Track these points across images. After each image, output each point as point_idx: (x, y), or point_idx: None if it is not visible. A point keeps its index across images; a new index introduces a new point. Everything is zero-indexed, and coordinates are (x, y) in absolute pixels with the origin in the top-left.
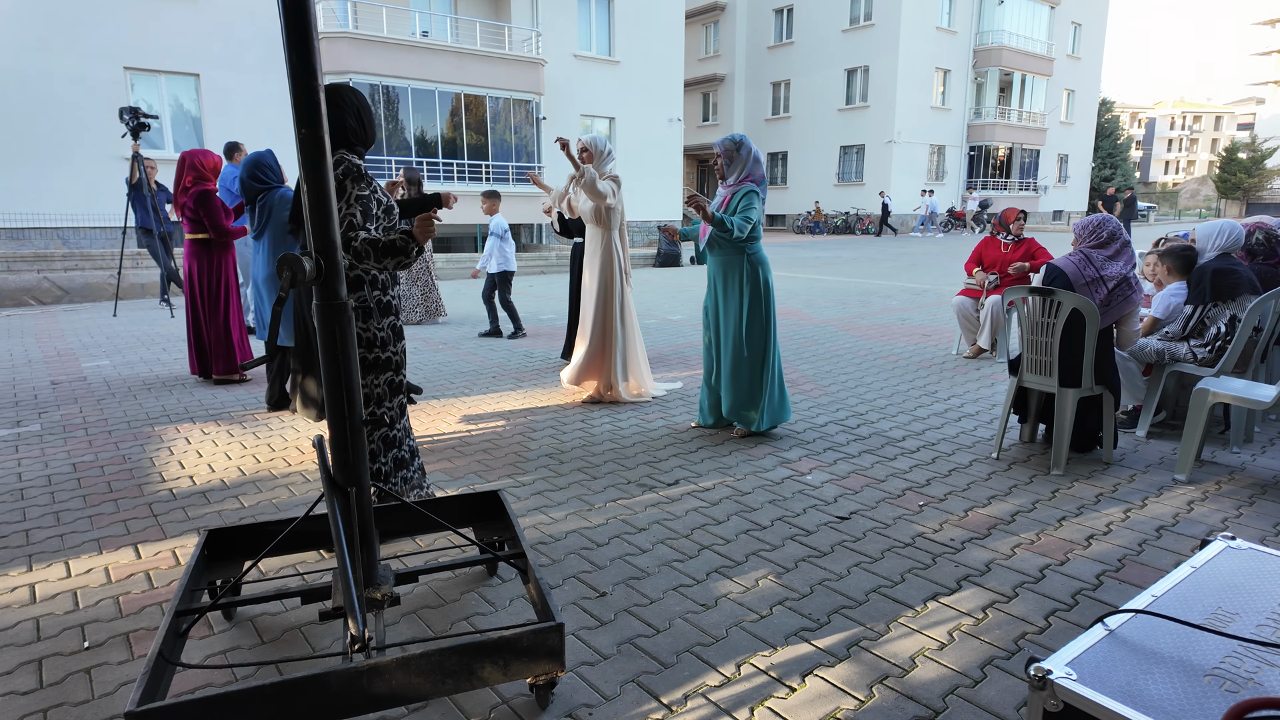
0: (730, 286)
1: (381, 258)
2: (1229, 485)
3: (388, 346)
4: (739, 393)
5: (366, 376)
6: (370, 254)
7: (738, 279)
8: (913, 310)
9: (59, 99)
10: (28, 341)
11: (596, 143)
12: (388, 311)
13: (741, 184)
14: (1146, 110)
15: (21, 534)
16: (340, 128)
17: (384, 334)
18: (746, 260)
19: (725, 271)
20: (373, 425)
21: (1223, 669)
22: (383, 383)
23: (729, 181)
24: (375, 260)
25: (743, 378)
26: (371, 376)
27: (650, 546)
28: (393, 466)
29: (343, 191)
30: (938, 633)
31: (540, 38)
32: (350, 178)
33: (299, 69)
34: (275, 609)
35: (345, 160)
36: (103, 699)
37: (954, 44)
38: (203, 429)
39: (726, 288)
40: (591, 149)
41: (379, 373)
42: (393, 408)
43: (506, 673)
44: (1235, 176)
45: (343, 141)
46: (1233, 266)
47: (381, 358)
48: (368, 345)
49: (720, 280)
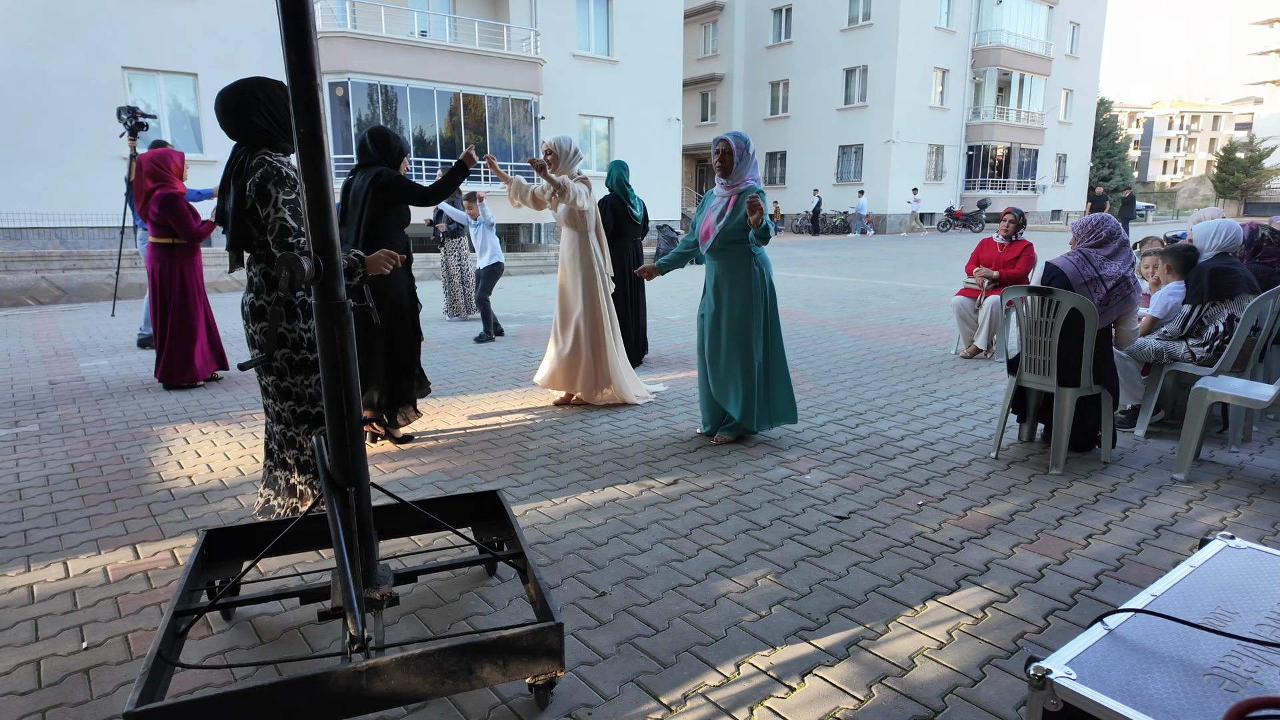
0: (736, 289)
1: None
2: (1227, 485)
3: (315, 348)
4: (748, 396)
5: (296, 376)
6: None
7: (745, 281)
8: (911, 310)
9: (57, 98)
10: (25, 341)
11: (561, 144)
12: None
13: (744, 182)
14: (1144, 110)
15: (20, 534)
16: (249, 128)
17: (310, 335)
18: (754, 261)
19: (731, 275)
20: (310, 423)
21: (1222, 668)
22: (313, 383)
23: (731, 180)
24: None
25: (742, 376)
26: (301, 377)
27: (649, 546)
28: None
29: (267, 198)
30: (937, 632)
31: (539, 37)
32: (271, 181)
33: (297, 67)
34: (274, 609)
35: (265, 162)
36: (101, 699)
37: (952, 44)
38: (201, 429)
39: (732, 291)
40: (556, 151)
41: (309, 374)
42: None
43: (506, 673)
44: (1233, 176)
45: (264, 141)
46: (1230, 266)
47: (310, 359)
48: (294, 346)
49: (726, 284)
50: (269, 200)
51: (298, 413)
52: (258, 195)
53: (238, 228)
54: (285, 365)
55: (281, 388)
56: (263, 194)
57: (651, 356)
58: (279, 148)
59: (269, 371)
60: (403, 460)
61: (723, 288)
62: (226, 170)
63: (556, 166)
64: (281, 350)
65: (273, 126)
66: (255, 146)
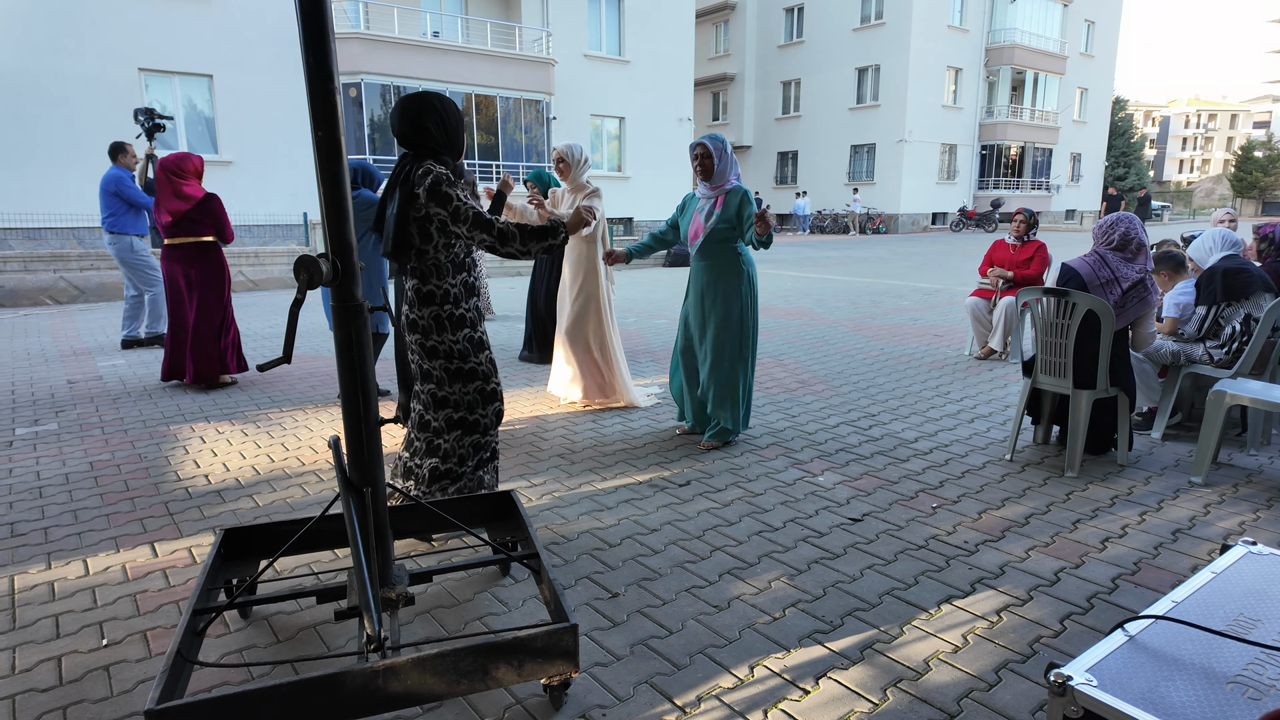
0: (723, 289)
1: (528, 241)
2: (1246, 488)
3: (468, 358)
4: (723, 396)
5: (454, 385)
6: (515, 236)
7: (736, 282)
8: (924, 310)
9: (74, 100)
10: (44, 340)
11: (572, 152)
12: (461, 325)
13: (728, 182)
14: (1160, 108)
15: (40, 532)
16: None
17: (460, 346)
18: (742, 261)
19: (719, 276)
20: (463, 429)
21: (1245, 676)
22: (472, 390)
23: (714, 183)
24: (519, 243)
25: (736, 380)
26: (459, 385)
27: (662, 548)
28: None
29: (446, 199)
30: (952, 636)
31: (550, 38)
32: (444, 183)
33: (316, 72)
34: (290, 608)
35: (432, 170)
36: (121, 696)
37: (966, 42)
38: (217, 428)
39: (719, 291)
40: (567, 158)
41: (466, 382)
42: (487, 414)
43: (521, 673)
44: (1251, 175)
45: (428, 151)
46: (1243, 265)
47: (465, 368)
48: (447, 356)
49: (711, 284)
50: (448, 200)
51: (453, 420)
52: (436, 198)
53: (400, 233)
54: (443, 375)
55: (439, 397)
56: (439, 195)
57: (660, 355)
58: (440, 159)
59: (427, 380)
60: None
61: (709, 290)
62: (392, 178)
63: (568, 174)
64: (437, 361)
65: (442, 135)
66: (421, 155)
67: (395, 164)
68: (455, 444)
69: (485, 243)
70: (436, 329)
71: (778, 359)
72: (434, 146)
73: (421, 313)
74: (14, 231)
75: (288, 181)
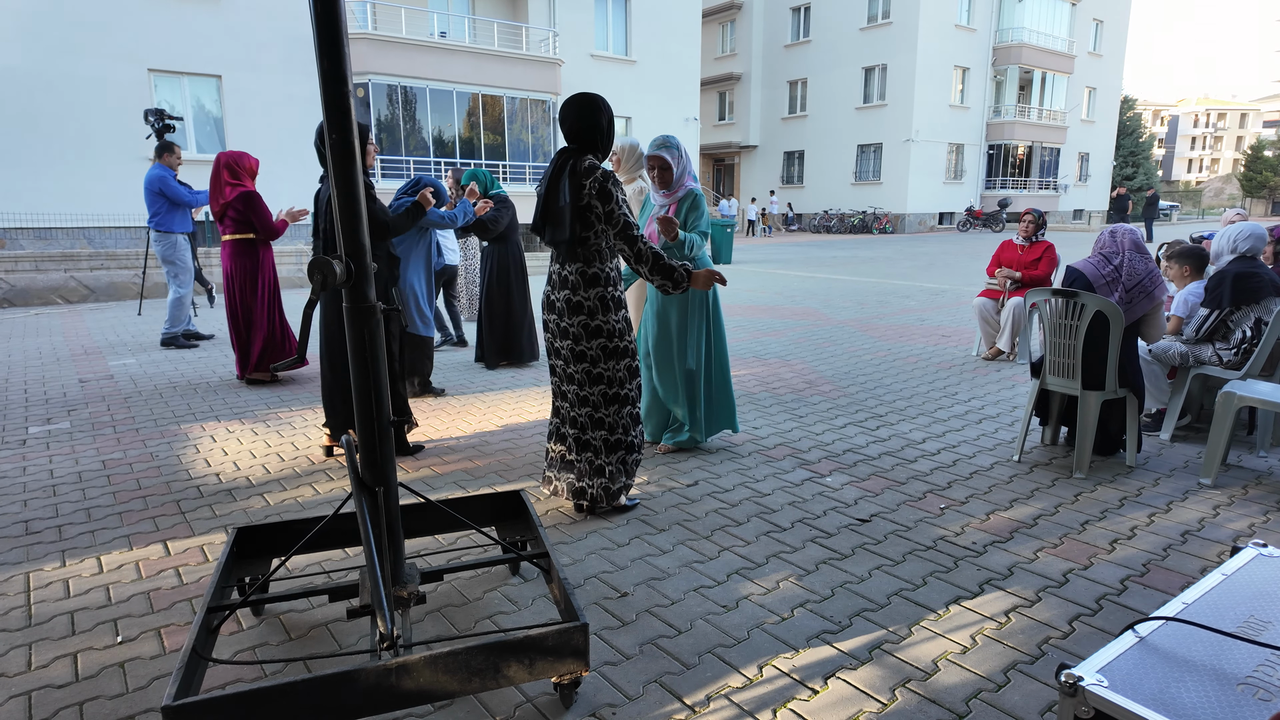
0: (684, 297)
1: (654, 271)
2: (1255, 490)
3: (624, 337)
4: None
5: (609, 362)
6: (649, 260)
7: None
8: (931, 310)
9: (84, 101)
10: (56, 340)
11: (623, 148)
12: (620, 305)
13: (682, 187)
14: (1169, 107)
15: (55, 530)
16: (593, 128)
17: (620, 325)
18: (699, 266)
19: None
20: (619, 404)
21: (1256, 678)
22: (623, 367)
23: (671, 189)
24: (648, 267)
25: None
26: (613, 362)
27: (671, 547)
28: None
29: (609, 196)
30: (960, 636)
31: (557, 38)
32: (610, 182)
33: (329, 75)
34: (302, 606)
35: (598, 166)
36: (136, 692)
37: (973, 42)
38: (228, 427)
39: (679, 299)
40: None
41: (619, 359)
42: (632, 389)
43: (532, 672)
44: (1261, 175)
45: (590, 146)
46: (1254, 269)
47: (620, 346)
48: (608, 335)
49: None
50: (610, 199)
51: (608, 395)
52: (599, 194)
53: (576, 222)
54: (599, 353)
55: (593, 374)
56: (604, 193)
57: None
58: (596, 155)
59: (580, 360)
60: (425, 460)
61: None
62: (556, 170)
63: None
64: (597, 340)
65: (609, 133)
66: (582, 149)
67: (554, 156)
68: (616, 417)
69: (622, 252)
70: (602, 309)
71: (784, 359)
72: (598, 142)
73: (588, 294)
74: (25, 231)
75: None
